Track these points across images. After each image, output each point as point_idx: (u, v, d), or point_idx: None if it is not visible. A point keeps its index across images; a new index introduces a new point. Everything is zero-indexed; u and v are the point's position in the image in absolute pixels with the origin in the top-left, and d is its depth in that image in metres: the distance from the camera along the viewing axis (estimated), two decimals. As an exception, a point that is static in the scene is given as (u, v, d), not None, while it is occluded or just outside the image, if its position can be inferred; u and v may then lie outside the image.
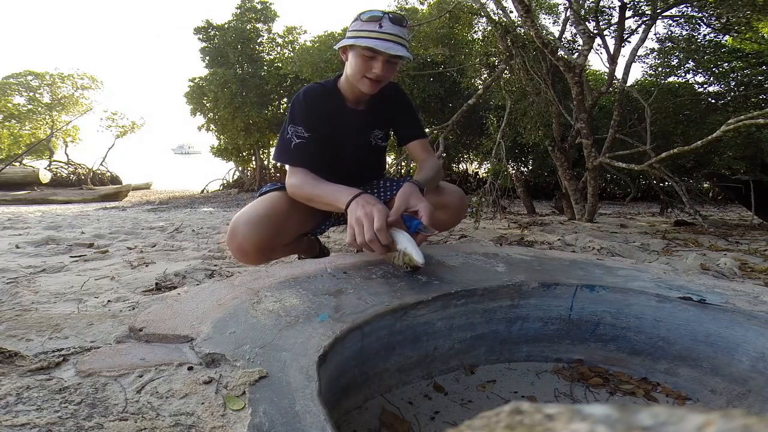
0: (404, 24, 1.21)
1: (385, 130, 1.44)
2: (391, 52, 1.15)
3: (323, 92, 1.30)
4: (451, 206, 1.43)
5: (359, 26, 1.19)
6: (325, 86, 1.32)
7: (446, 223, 1.47)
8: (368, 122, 1.38)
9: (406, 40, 1.20)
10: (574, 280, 0.94)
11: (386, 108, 1.40)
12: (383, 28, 1.16)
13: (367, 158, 1.46)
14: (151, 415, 0.46)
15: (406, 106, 1.44)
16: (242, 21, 10.16)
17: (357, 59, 1.20)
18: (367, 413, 0.75)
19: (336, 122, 1.33)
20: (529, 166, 8.66)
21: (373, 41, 1.15)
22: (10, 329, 0.65)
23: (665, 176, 3.45)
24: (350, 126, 1.35)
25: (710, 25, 4.99)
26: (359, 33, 1.17)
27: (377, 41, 1.14)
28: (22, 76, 12.60)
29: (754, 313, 0.80)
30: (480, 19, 7.02)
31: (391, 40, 1.15)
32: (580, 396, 0.84)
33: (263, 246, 1.20)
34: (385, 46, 1.14)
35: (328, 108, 1.30)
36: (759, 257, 2.24)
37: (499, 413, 0.19)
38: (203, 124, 10.43)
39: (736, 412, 0.15)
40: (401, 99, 1.43)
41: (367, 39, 1.15)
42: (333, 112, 1.31)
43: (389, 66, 1.20)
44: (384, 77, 1.21)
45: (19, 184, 10.31)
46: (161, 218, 4.43)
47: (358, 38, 1.17)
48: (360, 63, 1.19)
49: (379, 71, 1.18)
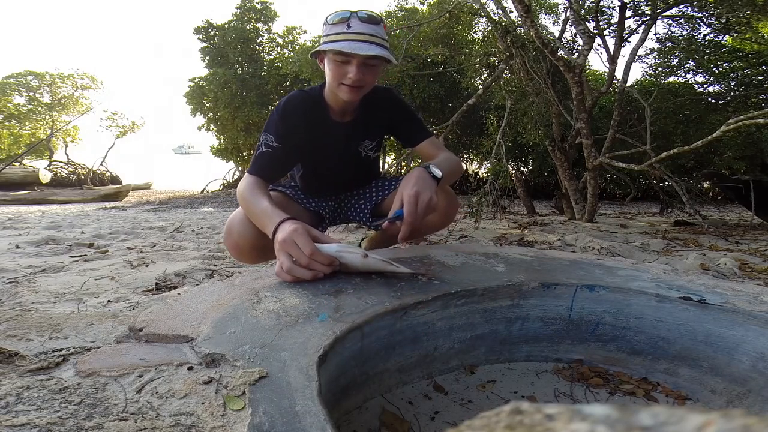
0: (377, 22, 1.11)
1: (377, 140, 1.37)
2: (361, 53, 1.05)
3: (306, 102, 1.23)
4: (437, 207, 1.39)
5: (328, 30, 1.11)
6: (309, 95, 1.24)
7: (434, 224, 1.40)
8: (356, 134, 1.31)
9: (381, 38, 1.10)
10: (574, 280, 0.94)
11: (379, 117, 1.31)
12: (352, 28, 1.07)
13: (356, 169, 1.40)
14: (151, 415, 0.46)
15: (404, 113, 1.35)
16: (242, 21, 10.17)
17: (331, 65, 1.12)
18: (367, 413, 0.75)
19: (318, 134, 1.25)
20: (529, 166, 8.67)
21: (340, 44, 1.06)
22: (10, 329, 0.65)
23: (665, 176, 3.45)
24: (334, 138, 1.28)
25: (710, 25, 4.99)
26: (328, 37, 1.10)
27: (345, 43, 1.06)
28: (22, 76, 12.61)
29: (754, 313, 0.80)
30: (480, 19, 7.01)
31: (362, 39, 1.06)
32: (580, 396, 0.84)
33: (257, 244, 1.16)
34: (353, 47, 1.05)
35: (309, 119, 1.23)
36: (759, 257, 2.24)
37: (499, 413, 0.19)
38: (203, 124, 10.44)
39: (736, 412, 0.15)
40: (397, 106, 1.34)
41: (335, 42, 1.08)
42: (315, 123, 1.24)
43: (366, 69, 1.11)
44: (362, 82, 1.11)
45: (19, 184, 10.31)
46: (161, 218, 4.43)
47: (326, 43, 1.10)
48: (334, 69, 1.11)
49: (354, 75, 1.08)
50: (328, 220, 1.47)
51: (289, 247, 0.86)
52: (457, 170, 1.28)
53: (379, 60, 1.12)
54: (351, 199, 1.51)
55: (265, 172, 1.17)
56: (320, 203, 1.43)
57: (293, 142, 1.21)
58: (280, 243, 0.87)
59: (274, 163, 1.19)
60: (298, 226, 0.89)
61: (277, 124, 1.18)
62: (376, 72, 1.15)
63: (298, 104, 1.21)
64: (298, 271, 0.84)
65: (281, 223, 0.92)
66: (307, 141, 1.25)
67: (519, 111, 4.42)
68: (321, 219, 1.44)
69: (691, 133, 5.47)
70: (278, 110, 1.20)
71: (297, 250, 0.85)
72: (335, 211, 1.51)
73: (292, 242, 0.86)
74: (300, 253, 0.84)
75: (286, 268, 0.85)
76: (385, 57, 1.09)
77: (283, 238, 0.87)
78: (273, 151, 1.18)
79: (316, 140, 1.26)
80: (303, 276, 0.84)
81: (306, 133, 1.23)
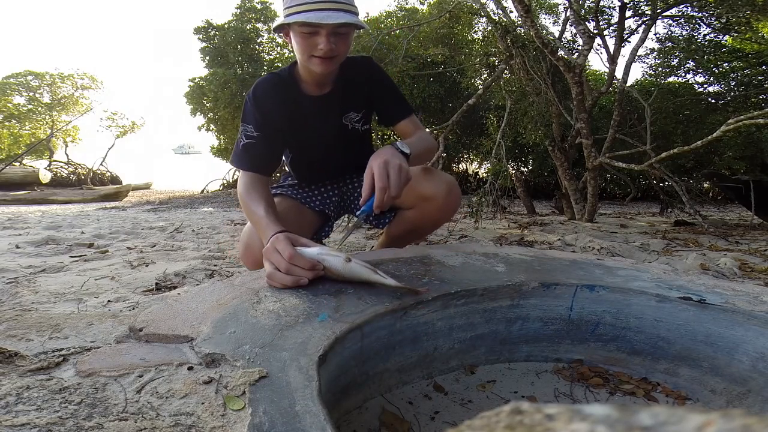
0: None
1: (363, 111, 1.28)
2: (330, 22, 0.97)
3: (276, 83, 1.17)
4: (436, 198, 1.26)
5: (289, 2, 1.02)
6: (279, 75, 1.18)
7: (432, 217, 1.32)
8: (337, 105, 1.23)
9: (348, 3, 1.03)
10: (574, 280, 0.94)
11: (359, 85, 1.23)
12: None
13: (346, 146, 1.31)
14: (151, 415, 0.46)
15: (382, 82, 1.26)
16: (242, 21, 10.17)
17: (297, 38, 1.04)
18: (367, 413, 0.75)
19: (295, 113, 1.20)
20: (529, 166, 8.66)
21: (305, 15, 0.98)
22: (10, 329, 0.65)
23: (665, 176, 3.45)
24: (313, 114, 1.22)
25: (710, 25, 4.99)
26: (290, 9, 1.02)
27: (311, 13, 0.98)
28: (22, 76, 12.60)
29: (754, 313, 0.80)
30: (480, 19, 7.02)
31: (329, 8, 0.99)
32: (580, 396, 0.84)
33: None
34: (321, 16, 0.97)
35: (283, 99, 1.17)
36: (759, 257, 2.24)
37: (499, 413, 0.19)
38: (203, 124, 10.44)
39: (736, 412, 0.15)
40: (375, 74, 1.26)
41: (299, 14, 0.99)
42: (290, 101, 1.18)
43: (338, 38, 1.04)
44: (335, 51, 1.04)
45: (19, 184, 10.30)
46: (161, 218, 4.43)
47: (290, 15, 1.01)
48: (302, 42, 1.04)
49: (325, 46, 1.01)
50: (333, 217, 1.44)
51: (269, 254, 0.86)
52: (431, 148, 1.21)
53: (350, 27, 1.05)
54: (352, 187, 1.46)
55: (256, 165, 1.14)
56: (324, 200, 1.39)
57: (273, 127, 1.17)
58: (264, 252, 0.88)
59: (261, 152, 1.15)
60: (281, 236, 0.89)
61: (252, 112, 1.14)
62: (347, 40, 1.08)
63: (268, 87, 1.16)
64: (278, 276, 0.83)
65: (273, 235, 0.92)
66: (287, 122, 1.20)
67: (519, 111, 4.42)
68: (327, 218, 1.41)
69: (691, 133, 5.47)
70: (250, 97, 1.16)
71: (277, 256, 0.84)
72: (339, 204, 1.46)
73: (272, 249, 0.86)
74: (279, 258, 0.84)
75: (267, 274, 0.84)
76: (355, 23, 1.02)
77: (266, 248, 0.88)
78: (255, 141, 1.14)
79: (295, 120, 1.21)
80: (283, 281, 0.82)
81: (283, 114, 1.18)
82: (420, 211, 1.31)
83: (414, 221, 1.34)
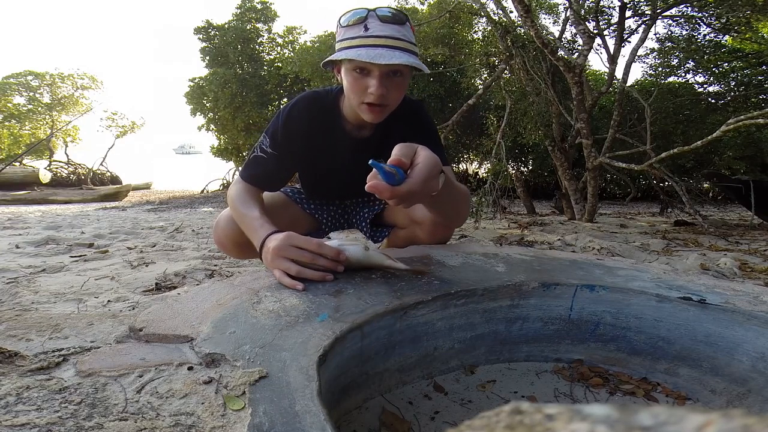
0: (401, 21, 0.90)
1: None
2: (382, 62, 0.84)
3: (317, 108, 1.07)
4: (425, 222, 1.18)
5: (342, 34, 0.92)
6: (321, 100, 1.08)
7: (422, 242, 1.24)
8: (374, 149, 1.10)
9: (408, 41, 0.89)
10: (574, 280, 0.94)
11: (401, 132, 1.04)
12: (370, 30, 0.87)
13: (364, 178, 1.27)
14: (151, 415, 0.46)
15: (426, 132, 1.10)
16: (242, 21, 10.17)
17: (348, 78, 0.92)
18: (367, 413, 0.75)
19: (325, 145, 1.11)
20: (529, 166, 8.67)
21: (356, 51, 0.86)
22: (10, 329, 0.65)
23: (665, 176, 3.45)
24: (345, 152, 1.13)
25: (710, 25, 4.99)
26: (342, 43, 0.91)
27: (362, 50, 0.85)
28: (22, 76, 12.61)
29: (754, 313, 0.80)
30: (480, 19, 7.01)
31: (384, 44, 0.86)
32: (580, 396, 0.84)
33: (239, 241, 1.09)
34: (373, 54, 0.84)
35: (317, 130, 1.08)
36: (759, 257, 2.24)
37: (499, 413, 0.19)
38: (203, 124, 10.44)
39: (736, 412, 0.15)
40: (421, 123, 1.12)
41: (350, 50, 0.87)
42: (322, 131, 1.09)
43: (390, 81, 0.90)
44: (387, 98, 0.91)
45: (19, 184, 10.31)
46: (161, 218, 4.43)
47: (341, 50, 0.90)
48: (352, 83, 0.92)
49: (376, 90, 0.88)
50: (326, 228, 1.38)
51: (286, 251, 0.79)
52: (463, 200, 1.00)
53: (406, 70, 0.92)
54: (356, 206, 1.42)
55: (257, 181, 1.10)
56: (320, 207, 1.37)
57: (291, 150, 1.09)
58: (276, 250, 0.80)
59: (268, 170, 1.10)
60: (290, 232, 0.84)
61: (278, 129, 1.08)
62: (402, 85, 0.94)
63: (304, 112, 1.07)
64: (307, 272, 0.78)
65: (270, 234, 0.86)
66: (309, 148, 1.13)
67: (519, 111, 4.42)
68: (318, 225, 1.37)
69: (691, 133, 5.47)
70: (284, 112, 1.08)
71: (297, 250, 0.80)
72: (336, 218, 1.41)
73: (287, 246, 0.80)
74: (300, 252, 0.79)
75: (295, 271, 0.78)
76: (413, 65, 0.88)
77: (277, 246, 0.81)
78: (267, 158, 1.09)
79: (323, 152, 1.14)
80: (312, 277, 0.78)
81: (309, 140, 1.10)
82: (410, 232, 1.27)
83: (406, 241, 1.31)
